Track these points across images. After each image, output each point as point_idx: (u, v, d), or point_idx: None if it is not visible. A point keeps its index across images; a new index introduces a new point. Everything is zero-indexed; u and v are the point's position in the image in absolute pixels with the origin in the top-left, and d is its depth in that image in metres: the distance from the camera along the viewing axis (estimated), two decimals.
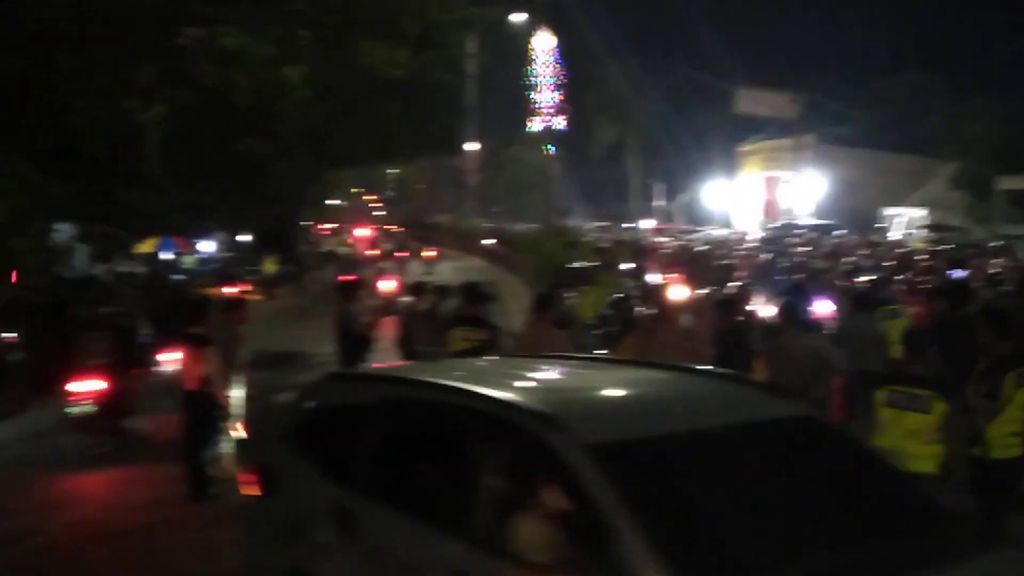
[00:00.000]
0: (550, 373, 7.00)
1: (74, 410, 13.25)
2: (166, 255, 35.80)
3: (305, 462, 6.83)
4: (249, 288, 32.92)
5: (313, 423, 7.09)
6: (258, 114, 22.42)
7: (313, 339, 23.98)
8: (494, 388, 5.90)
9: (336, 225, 79.93)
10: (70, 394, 13.30)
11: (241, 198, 30.92)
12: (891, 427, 7.64)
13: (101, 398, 13.27)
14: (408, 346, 14.72)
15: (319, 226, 71.18)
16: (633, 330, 12.17)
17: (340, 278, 16.03)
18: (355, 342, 13.91)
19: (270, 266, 38.04)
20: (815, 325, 11.54)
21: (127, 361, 14.57)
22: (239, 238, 43.44)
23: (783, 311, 10.57)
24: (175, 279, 28.86)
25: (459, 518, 5.45)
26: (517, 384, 6.34)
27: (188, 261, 35.14)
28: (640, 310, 13.73)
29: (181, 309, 13.31)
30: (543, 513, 4.84)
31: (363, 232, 72.91)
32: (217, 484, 11.64)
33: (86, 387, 13.19)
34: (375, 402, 6.47)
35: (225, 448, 12.20)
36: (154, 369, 15.90)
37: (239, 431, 12.10)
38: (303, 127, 23.78)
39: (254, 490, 7.16)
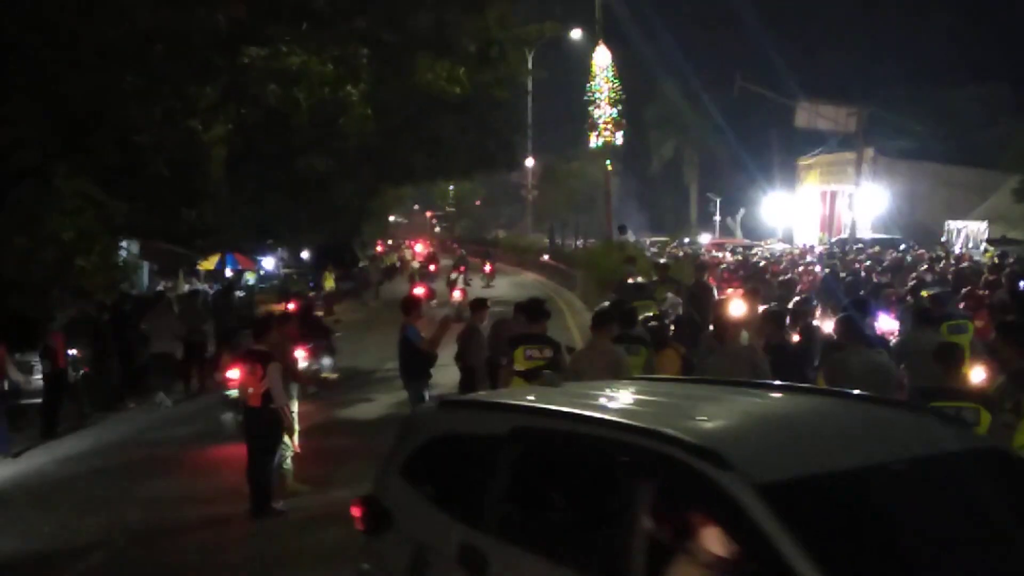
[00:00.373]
0: (696, 400, 6.22)
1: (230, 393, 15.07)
2: (228, 272, 36.25)
3: (422, 497, 6.38)
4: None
5: (429, 455, 6.57)
6: (319, 132, 22.63)
7: (374, 355, 24.20)
8: (643, 418, 5.42)
9: (397, 241, 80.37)
10: (229, 381, 15.13)
11: (301, 215, 31.19)
12: None
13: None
14: (465, 362, 14.76)
15: (379, 242, 71.59)
16: (666, 347, 12.14)
17: (409, 293, 16.09)
18: (417, 358, 13.95)
19: (330, 282, 38.36)
20: (877, 340, 11.43)
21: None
22: (300, 255, 43.84)
23: (842, 326, 10.48)
24: (238, 296, 29.17)
25: (605, 563, 5.01)
26: (666, 414, 5.77)
27: (250, 278, 35.50)
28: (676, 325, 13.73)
29: (245, 326, 13.52)
30: (704, 560, 4.46)
31: (422, 248, 73.35)
32: (281, 500, 11.81)
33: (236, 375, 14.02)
34: (505, 433, 5.86)
35: (288, 464, 12.35)
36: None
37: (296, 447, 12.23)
38: (363, 144, 23.96)
39: (360, 526, 6.73)
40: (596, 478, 5.41)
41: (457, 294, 31.82)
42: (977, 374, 12.46)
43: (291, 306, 26.22)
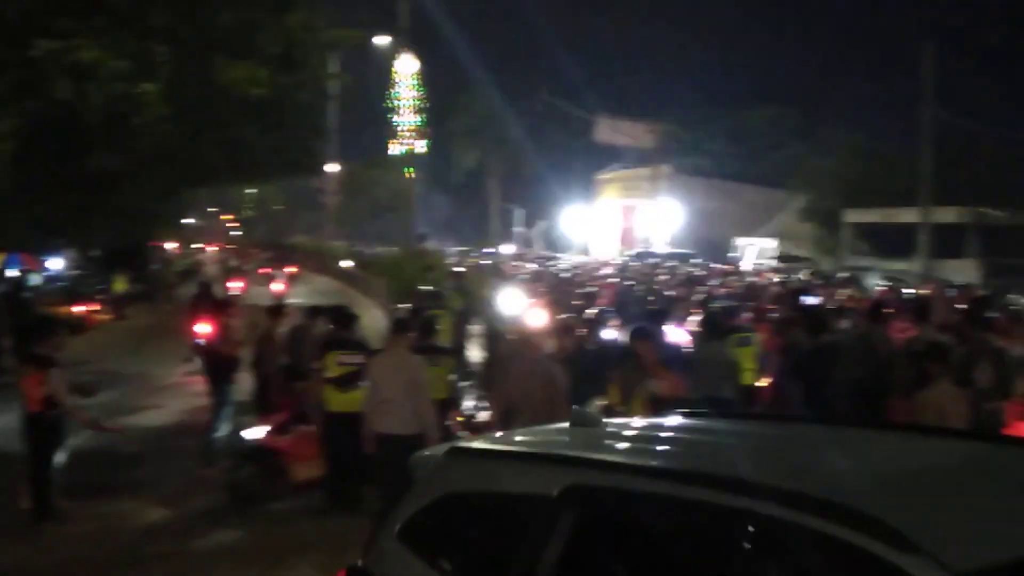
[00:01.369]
0: (812, 448, 4.92)
1: None
2: (11, 272, 34.72)
3: (429, 570, 5.06)
4: (98, 307, 32.16)
5: (439, 516, 5.18)
6: (112, 130, 21.91)
7: (166, 360, 23.57)
8: (761, 474, 4.11)
9: (193, 244, 78.61)
10: None
11: (92, 215, 30.12)
12: None
13: None
14: (260, 369, 14.54)
15: (174, 245, 69.88)
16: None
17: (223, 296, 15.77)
18: (221, 363, 13.68)
19: (120, 285, 37.17)
20: (670, 351, 11.71)
21: None
22: (90, 256, 42.33)
23: (635, 337, 10.68)
24: (22, 297, 27.99)
25: None
26: (786, 468, 4.44)
27: (34, 279, 34.07)
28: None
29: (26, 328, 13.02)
30: None
31: (217, 251, 71.93)
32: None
33: None
34: (555, 493, 4.49)
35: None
36: None
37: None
38: (160, 144, 23.28)
39: None
40: (695, 559, 4.15)
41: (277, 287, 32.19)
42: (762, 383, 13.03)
43: (81, 309, 25.43)
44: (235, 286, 34.57)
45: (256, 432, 12.42)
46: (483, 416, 12.38)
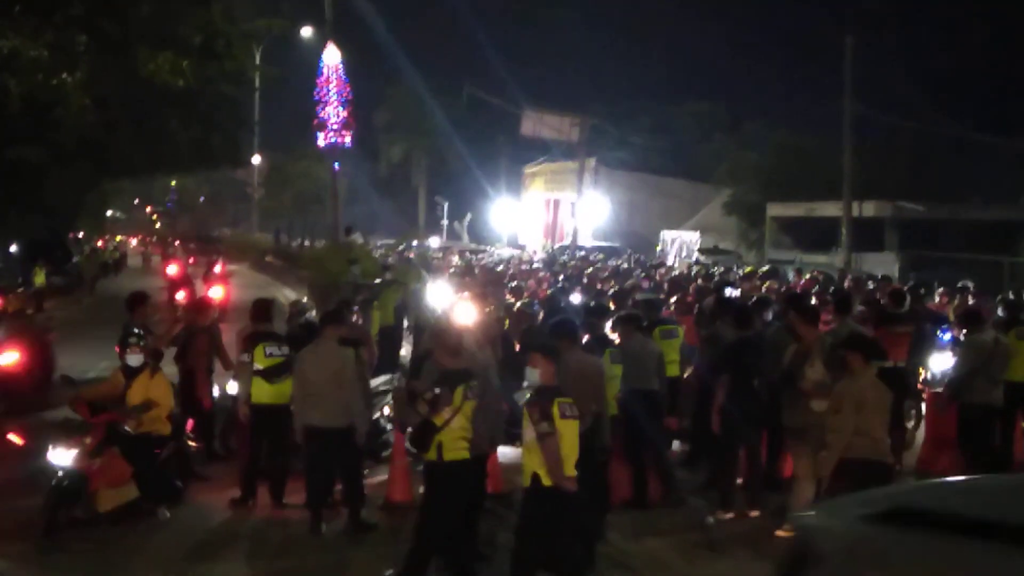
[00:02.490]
0: None
1: None
2: None
3: None
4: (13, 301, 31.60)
5: None
6: (32, 120, 21.57)
7: (89, 355, 23.17)
8: None
9: (115, 237, 77.53)
10: None
11: (11, 206, 29.64)
12: None
13: None
14: (185, 363, 14.37)
15: (97, 237, 68.90)
16: None
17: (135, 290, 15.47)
18: None
19: (40, 278, 36.58)
20: (599, 343, 11.74)
21: None
22: (8, 248, 41.62)
23: (558, 330, 10.64)
24: None
25: None
26: None
27: None
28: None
29: None
30: None
31: (139, 243, 70.96)
32: None
33: None
34: None
35: None
36: None
37: None
38: (81, 135, 22.95)
39: None
40: None
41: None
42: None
43: None
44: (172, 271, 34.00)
45: (63, 456, 10.85)
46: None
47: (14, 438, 11.53)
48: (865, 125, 43.88)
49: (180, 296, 28.24)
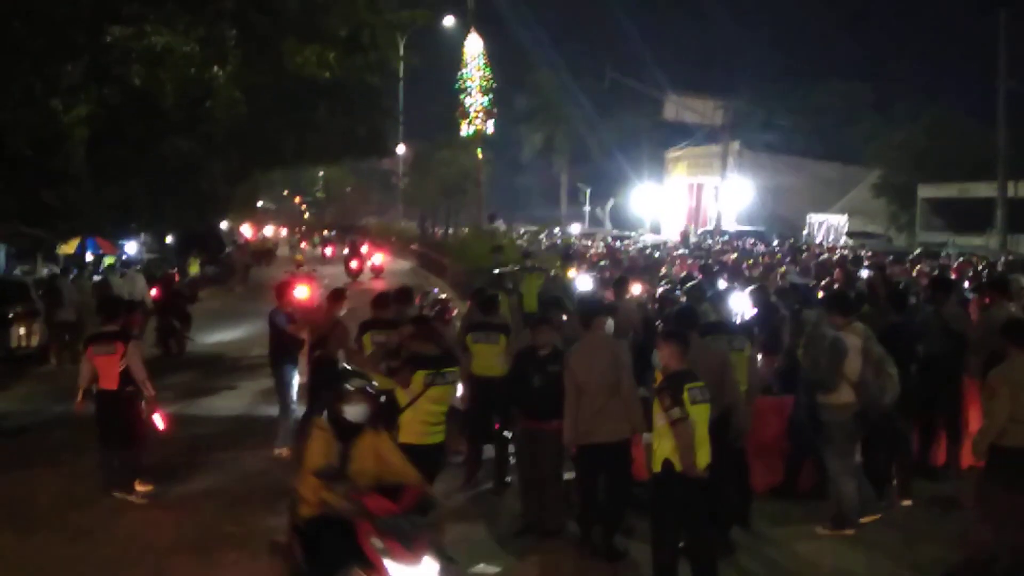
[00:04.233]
0: None
1: None
2: (89, 256, 35.34)
3: None
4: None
5: None
6: (184, 114, 22.16)
7: (239, 342, 23.83)
8: None
9: (265, 226, 79.26)
10: None
11: (166, 198, 30.53)
12: None
13: None
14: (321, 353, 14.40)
15: (248, 227, 70.58)
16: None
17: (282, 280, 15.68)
18: (285, 345, 13.72)
19: (194, 267, 37.67)
20: (742, 328, 11.56)
21: None
22: (164, 239, 42.96)
23: (681, 316, 10.40)
24: (96, 280, 28.47)
25: None
26: None
27: (110, 262, 34.67)
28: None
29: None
30: None
31: (288, 233, 72.45)
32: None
33: None
34: None
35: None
36: None
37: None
38: (231, 128, 23.51)
39: None
40: None
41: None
42: None
43: (153, 292, 25.78)
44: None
45: None
46: None
47: (158, 420, 11.73)
48: (1020, 102, 42.35)
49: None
